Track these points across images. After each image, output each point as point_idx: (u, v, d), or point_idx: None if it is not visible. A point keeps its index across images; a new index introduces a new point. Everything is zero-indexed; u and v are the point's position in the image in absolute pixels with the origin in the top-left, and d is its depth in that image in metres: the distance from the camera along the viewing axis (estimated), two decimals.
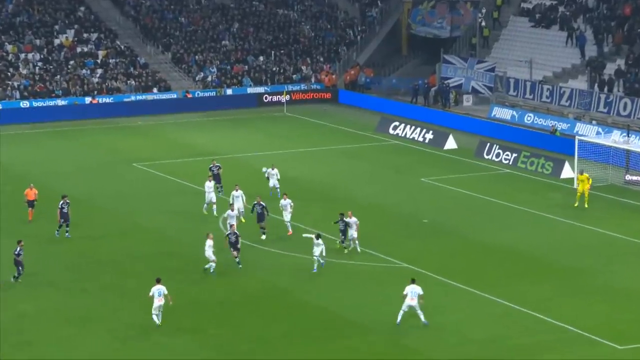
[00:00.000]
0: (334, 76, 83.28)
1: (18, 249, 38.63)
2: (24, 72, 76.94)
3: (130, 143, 66.08)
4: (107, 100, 76.06)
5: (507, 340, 34.12)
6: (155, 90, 78.27)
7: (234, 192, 47.08)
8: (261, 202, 44.71)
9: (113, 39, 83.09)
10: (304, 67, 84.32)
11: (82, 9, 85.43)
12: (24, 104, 73.39)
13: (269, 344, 33.78)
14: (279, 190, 49.88)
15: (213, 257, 39.62)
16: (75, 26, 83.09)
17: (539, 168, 58.56)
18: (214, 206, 48.00)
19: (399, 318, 34.46)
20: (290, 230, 45.24)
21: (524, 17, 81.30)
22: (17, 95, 74.26)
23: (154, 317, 34.14)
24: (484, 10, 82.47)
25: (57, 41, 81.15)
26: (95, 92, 76.47)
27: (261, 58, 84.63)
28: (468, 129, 70.05)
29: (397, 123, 69.96)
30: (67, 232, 44.85)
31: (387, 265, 41.66)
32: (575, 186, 52.01)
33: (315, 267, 40.25)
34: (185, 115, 75.61)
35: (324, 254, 40.27)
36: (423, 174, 57.85)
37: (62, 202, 44.58)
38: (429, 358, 32.78)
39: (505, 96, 74.20)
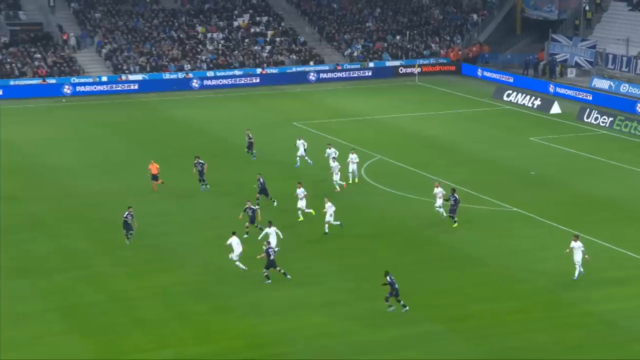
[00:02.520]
0: (459, 52, 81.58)
1: (126, 213, 35.28)
2: (210, 48, 78.16)
3: (291, 106, 66.45)
4: (274, 71, 76.58)
5: (601, 272, 33.19)
6: (311, 63, 78.37)
7: (329, 150, 44.21)
8: (260, 179, 40.18)
9: (279, 21, 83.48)
10: (433, 45, 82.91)
11: None
12: (210, 73, 74.60)
13: (401, 270, 33.60)
14: (356, 174, 44.34)
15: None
16: (250, 11, 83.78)
17: (632, 130, 56.35)
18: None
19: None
20: (311, 211, 38.87)
21: (623, 2, 77.70)
22: (205, 66, 75.57)
23: (238, 264, 32.61)
24: None
25: (235, 23, 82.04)
26: (265, 65, 77.12)
27: (398, 37, 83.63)
28: (571, 97, 67.85)
29: (510, 91, 68.30)
30: (202, 186, 42.53)
31: (500, 209, 40.78)
32: None
33: (327, 229, 36.67)
34: (335, 84, 75.56)
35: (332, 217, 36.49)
36: (531, 134, 56.33)
37: (195, 161, 42.84)
38: (533, 286, 32.08)
39: (604, 69, 71.43)
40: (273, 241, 33.18)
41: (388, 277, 29.67)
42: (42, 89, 68.91)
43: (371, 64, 79.26)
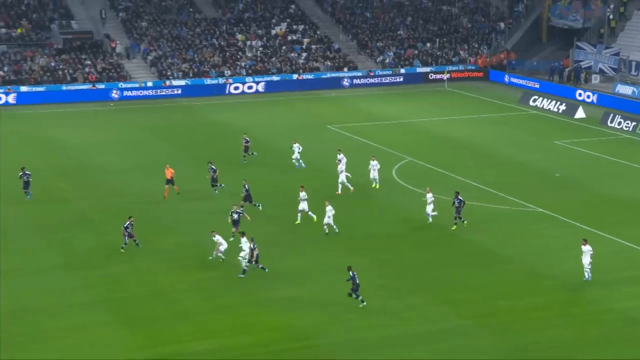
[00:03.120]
0: (486, 59, 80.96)
1: (127, 223, 34.41)
2: (249, 55, 78.40)
3: (326, 110, 66.39)
4: (309, 76, 76.59)
5: (622, 271, 32.73)
6: (345, 69, 78.26)
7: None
8: (246, 185, 39.16)
9: (315, 29, 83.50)
10: (461, 52, 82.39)
11: (293, 6, 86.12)
12: (248, 79, 74.81)
13: (429, 267, 33.37)
14: (377, 180, 43.14)
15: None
16: (287, 20, 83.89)
17: None
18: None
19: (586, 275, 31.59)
20: (313, 216, 38.03)
21: None
22: (244, 72, 75.80)
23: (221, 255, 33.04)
24: (612, 6, 78.25)
25: (273, 31, 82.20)
26: (301, 71, 77.16)
27: (428, 44, 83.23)
28: (595, 102, 66.97)
29: (536, 97, 67.62)
30: (216, 190, 42.13)
31: (526, 210, 40.35)
32: None
33: (326, 230, 36.48)
34: (368, 89, 75.36)
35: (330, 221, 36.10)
36: (556, 138, 55.71)
37: (209, 167, 42.49)
38: (556, 283, 31.67)
39: (627, 75, 70.42)
40: (246, 249, 32.34)
41: (350, 273, 29.44)
42: (91, 94, 69.61)
43: (402, 70, 78.94)
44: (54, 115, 63.72)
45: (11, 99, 67.30)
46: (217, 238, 33.43)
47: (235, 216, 35.94)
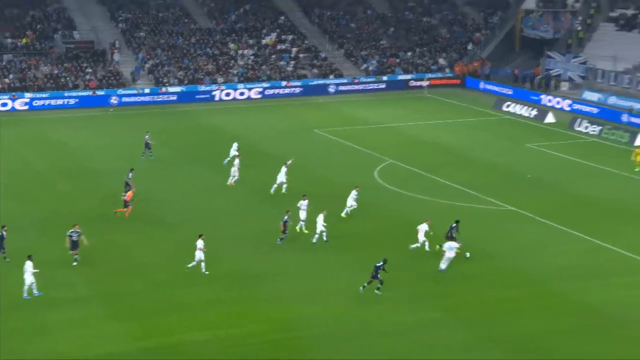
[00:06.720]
0: (464, 67, 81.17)
1: (71, 231, 32.77)
2: (241, 63, 78.28)
3: (313, 115, 66.36)
4: (297, 84, 76.57)
5: (588, 267, 32.81)
6: (331, 76, 78.27)
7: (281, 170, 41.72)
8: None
9: (303, 39, 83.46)
10: (440, 60, 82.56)
11: (282, 18, 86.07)
12: (240, 86, 74.71)
13: (403, 261, 33.39)
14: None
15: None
16: (277, 30, 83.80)
17: (618, 137, 55.81)
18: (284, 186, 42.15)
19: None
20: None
21: (612, 23, 77.11)
22: (236, 79, 75.68)
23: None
24: (580, 18, 78.73)
25: (264, 41, 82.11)
26: (289, 78, 77.11)
27: (409, 53, 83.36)
28: (564, 108, 67.31)
29: (509, 102, 67.84)
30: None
31: (499, 208, 40.49)
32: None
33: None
34: (352, 95, 75.41)
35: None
36: (528, 141, 55.95)
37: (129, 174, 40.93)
38: (529, 276, 31.74)
39: (594, 83, 70.88)
40: (29, 278, 29.58)
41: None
42: (92, 100, 69.35)
43: (385, 78, 79.04)
44: (57, 120, 63.43)
45: (17, 104, 67.01)
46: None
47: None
